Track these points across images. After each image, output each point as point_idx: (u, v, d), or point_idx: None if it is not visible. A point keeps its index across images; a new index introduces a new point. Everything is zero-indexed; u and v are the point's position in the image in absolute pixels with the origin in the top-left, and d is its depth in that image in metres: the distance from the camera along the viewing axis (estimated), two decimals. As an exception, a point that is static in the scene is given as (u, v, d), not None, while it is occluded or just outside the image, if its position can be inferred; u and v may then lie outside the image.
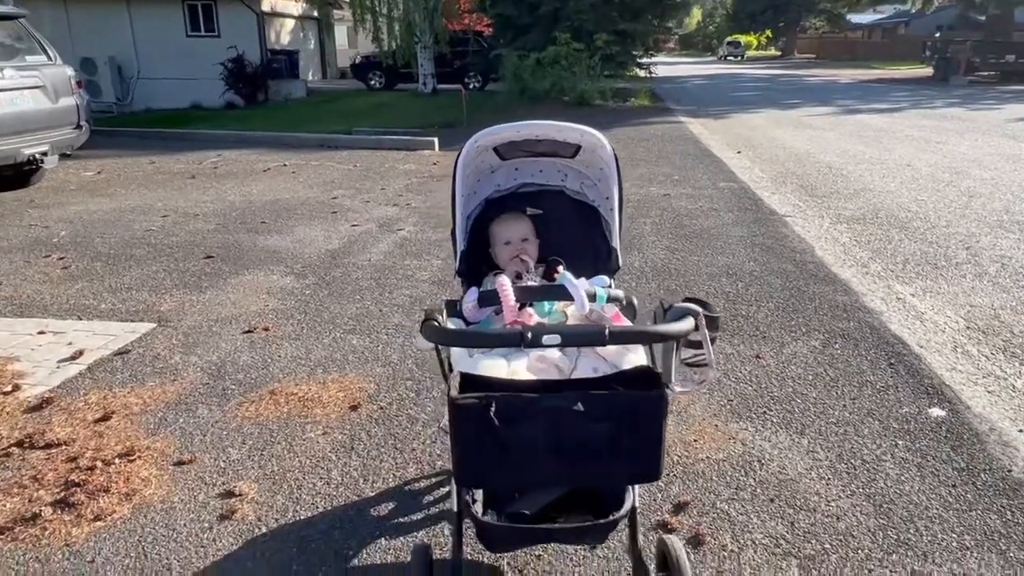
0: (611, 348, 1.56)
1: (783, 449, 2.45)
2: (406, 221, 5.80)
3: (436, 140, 9.95)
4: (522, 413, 1.21)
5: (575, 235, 2.00)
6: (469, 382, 1.31)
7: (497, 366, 1.42)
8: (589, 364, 1.50)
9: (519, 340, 1.15)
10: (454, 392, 1.24)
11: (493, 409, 1.19)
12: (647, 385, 1.29)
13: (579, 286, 1.52)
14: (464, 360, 1.45)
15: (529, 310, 1.60)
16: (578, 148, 1.88)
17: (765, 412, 2.70)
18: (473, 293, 1.59)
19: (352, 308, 3.88)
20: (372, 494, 2.25)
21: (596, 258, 1.96)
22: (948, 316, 3.68)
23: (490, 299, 1.54)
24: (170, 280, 4.38)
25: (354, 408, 2.79)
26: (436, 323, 1.21)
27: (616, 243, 1.88)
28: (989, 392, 2.86)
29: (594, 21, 17.59)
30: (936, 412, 2.68)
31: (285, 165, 8.64)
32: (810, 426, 2.60)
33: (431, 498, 2.23)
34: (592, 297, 1.54)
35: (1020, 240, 5.06)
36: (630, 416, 1.24)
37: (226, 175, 8.03)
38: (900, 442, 2.49)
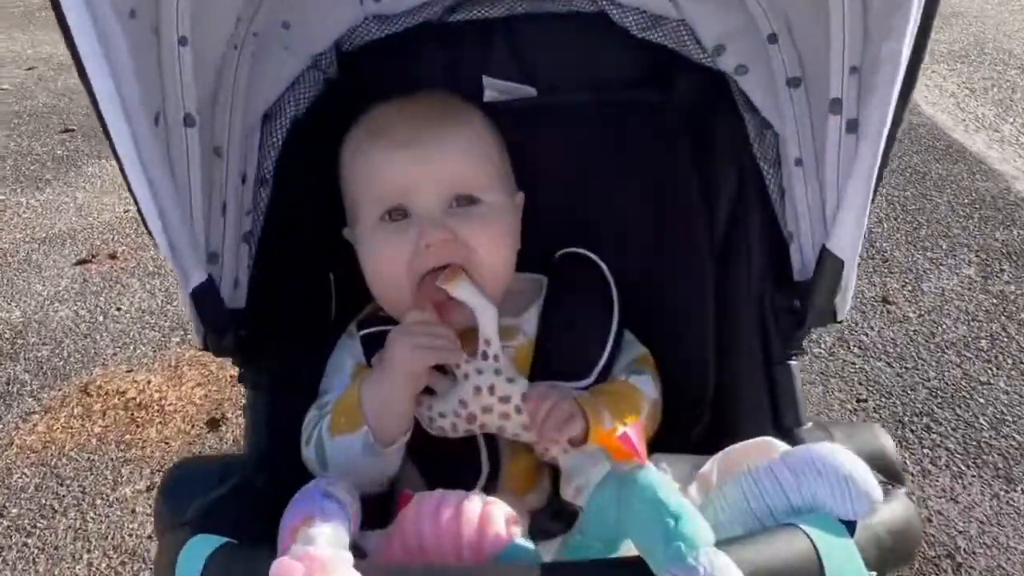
0: None
1: (984, 524, 1.33)
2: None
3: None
4: None
5: (653, 188, 0.80)
6: None
7: None
8: None
9: None
10: None
11: None
12: None
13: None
14: None
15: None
16: None
17: (928, 428, 1.55)
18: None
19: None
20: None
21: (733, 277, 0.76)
22: None
23: None
24: (0, 169, 3.05)
25: (214, 424, 1.63)
26: None
27: (823, 216, 0.61)
28: None
29: None
30: None
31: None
32: (1019, 464, 1.46)
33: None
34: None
35: None
36: None
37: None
38: None
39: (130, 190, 0.55)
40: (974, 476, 1.43)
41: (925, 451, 1.48)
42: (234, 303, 0.70)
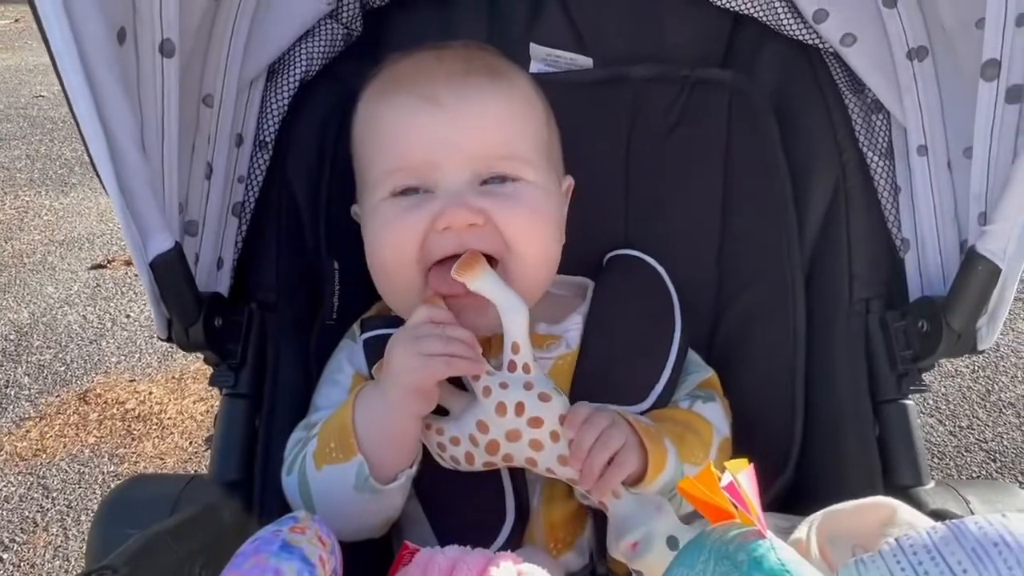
0: None
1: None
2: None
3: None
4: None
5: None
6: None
7: None
8: None
9: None
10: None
11: None
12: None
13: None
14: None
15: None
16: None
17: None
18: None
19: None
20: None
21: None
22: None
23: None
24: (28, 171, 3.05)
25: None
26: None
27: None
28: None
29: None
30: None
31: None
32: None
33: None
34: None
35: None
36: None
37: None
38: None
39: (72, 113, 0.45)
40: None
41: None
42: (214, 286, 0.60)
